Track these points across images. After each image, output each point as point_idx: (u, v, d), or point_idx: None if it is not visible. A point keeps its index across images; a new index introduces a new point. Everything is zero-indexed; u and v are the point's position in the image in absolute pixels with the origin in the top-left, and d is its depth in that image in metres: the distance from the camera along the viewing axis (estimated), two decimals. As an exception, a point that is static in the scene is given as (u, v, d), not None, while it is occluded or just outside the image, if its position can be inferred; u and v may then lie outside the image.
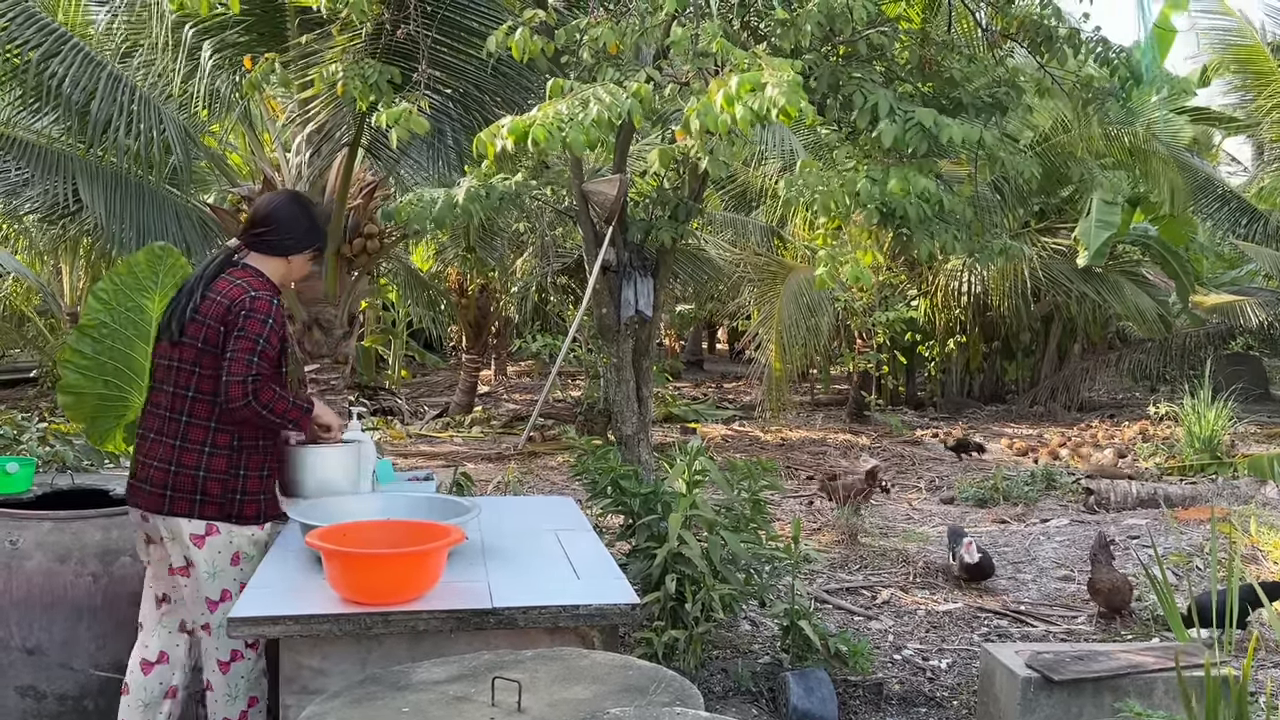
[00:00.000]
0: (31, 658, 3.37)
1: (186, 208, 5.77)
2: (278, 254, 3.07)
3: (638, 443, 5.07)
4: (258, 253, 3.07)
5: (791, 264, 11.94)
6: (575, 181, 4.79)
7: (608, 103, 3.20)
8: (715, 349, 23.77)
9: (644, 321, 5.02)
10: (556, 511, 3.55)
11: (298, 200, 3.25)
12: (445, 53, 5.45)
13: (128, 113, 5.35)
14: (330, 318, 5.98)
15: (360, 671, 2.42)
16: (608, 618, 2.52)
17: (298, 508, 2.89)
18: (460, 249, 10.34)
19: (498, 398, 14.43)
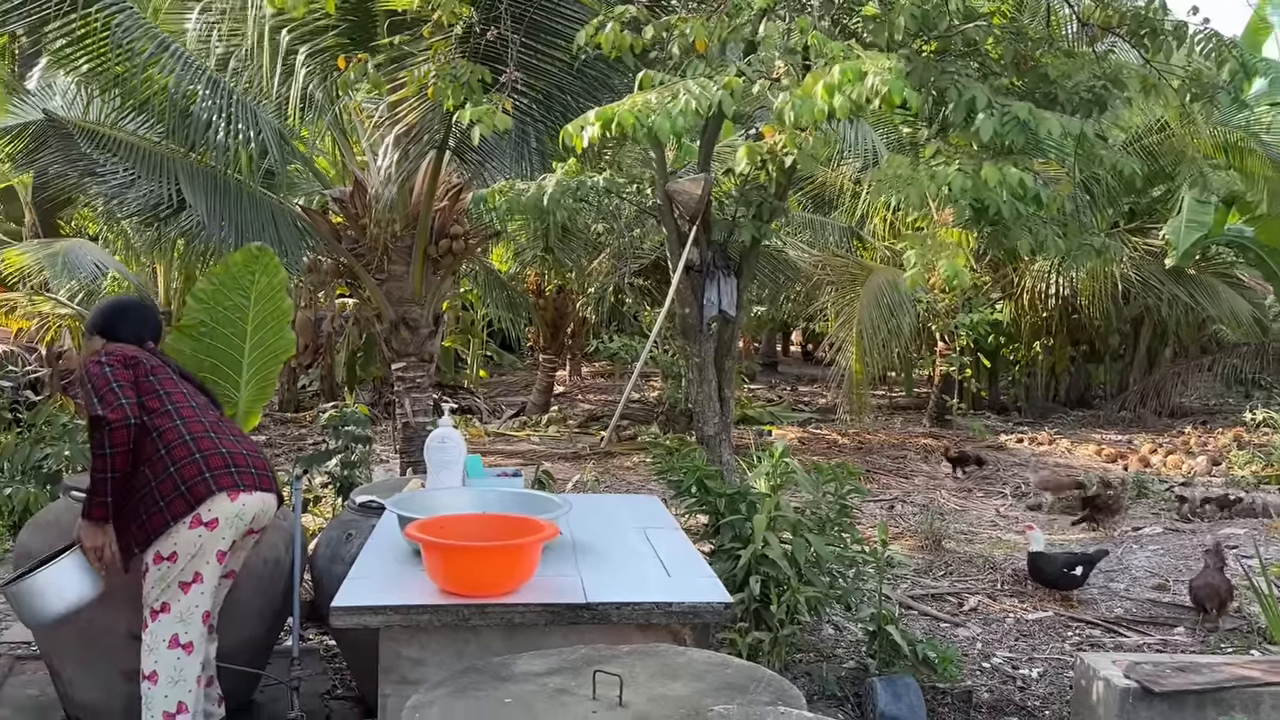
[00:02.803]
0: (136, 643, 3.47)
1: (281, 209, 5.92)
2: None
3: (719, 443, 5.06)
4: None
5: (872, 265, 11.78)
6: (660, 181, 4.80)
7: (697, 93, 3.20)
8: (789, 351, 23.59)
9: (727, 321, 5.01)
10: (643, 509, 3.56)
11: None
12: (530, 55, 5.51)
13: (226, 115, 5.51)
14: (416, 317, 6.08)
15: (457, 662, 2.45)
16: (700, 616, 2.51)
17: (396, 499, 2.94)
18: (539, 250, 10.43)
19: (573, 398, 14.52)
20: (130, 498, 3.13)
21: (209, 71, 5.67)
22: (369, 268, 6.03)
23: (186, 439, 3.16)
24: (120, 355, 3.19)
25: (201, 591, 3.20)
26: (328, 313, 11.50)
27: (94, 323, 3.44)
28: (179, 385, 3.32)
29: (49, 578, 3.08)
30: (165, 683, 3.17)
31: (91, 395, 3.08)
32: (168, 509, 3.08)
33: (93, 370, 3.12)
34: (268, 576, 3.77)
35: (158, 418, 3.16)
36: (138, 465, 3.11)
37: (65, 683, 3.67)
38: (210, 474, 3.13)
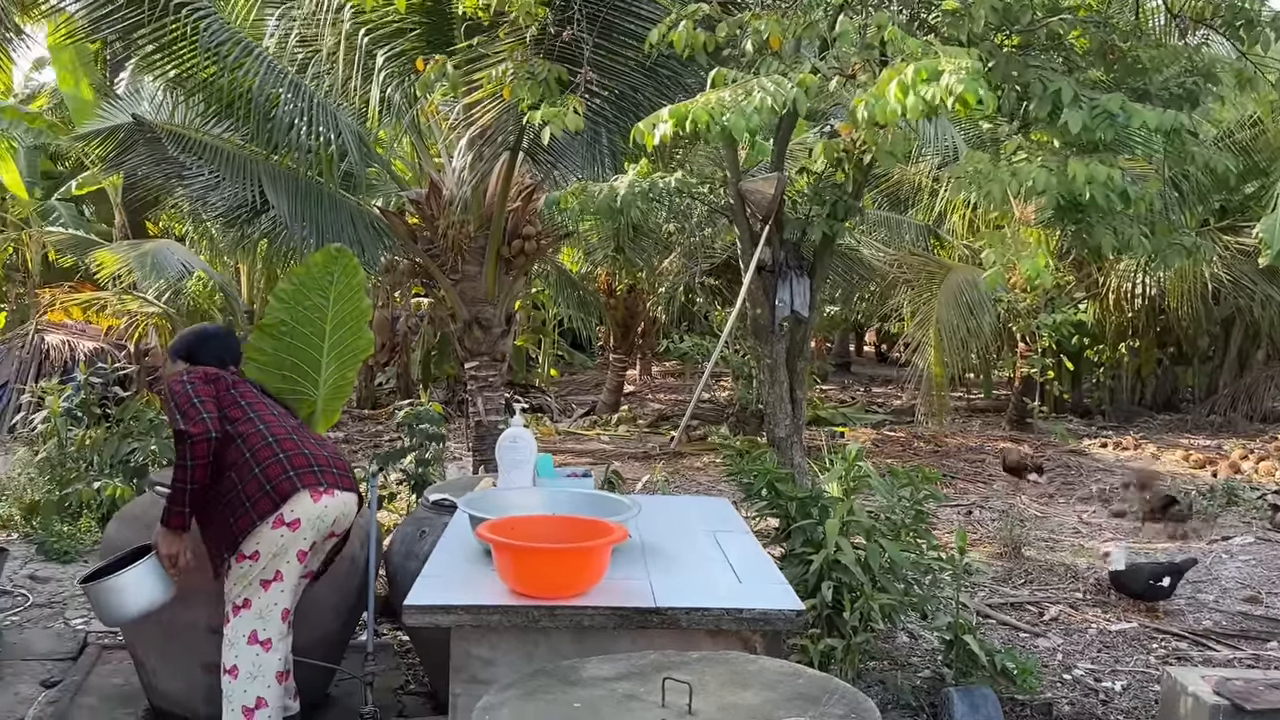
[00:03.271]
0: (216, 636, 3.55)
1: (359, 211, 6.02)
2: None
3: (791, 445, 5.00)
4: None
5: (950, 263, 11.55)
6: (732, 180, 4.75)
7: (771, 91, 3.15)
8: (863, 351, 23.28)
9: (799, 322, 4.94)
10: (713, 512, 3.52)
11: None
12: (603, 56, 5.51)
13: (307, 118, 5.62)
14: (489, 316, 6.12)
15: (527, 663, 2.45)
16: (772, 623, 2.47)
17: (467, 499, 2.96)
18: (610, 250, 10.45)
19: (643, 397, 14.53)
20: (217, 503, 3.22)
21: (290, 75, 5.79)
22: (443, 268, 6.10)
23: (270, 440, 3.24)
24: (201, 373, 3.30)
25: (281, 590, 3.26)
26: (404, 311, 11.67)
27: (176, 349, 3.58)
28: (260, 397, 3.43)
29: (125, 581, 3.17)
30: (245, 677, 3.24)
31: (174, 411, 3.17)
32: (254, 509, 3.16)
33: (175, 387, 3.23)
34: (344, 573, 3.82)
35: (241, 424, 3.25)
36: (223, 472, 3.20)
37: (149, 673, 3.77)
38: (294, 472, 3.20)
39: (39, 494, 6.46)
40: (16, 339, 11.41)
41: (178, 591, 3.34)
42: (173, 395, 3.22)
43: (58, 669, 4.14)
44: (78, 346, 11.01)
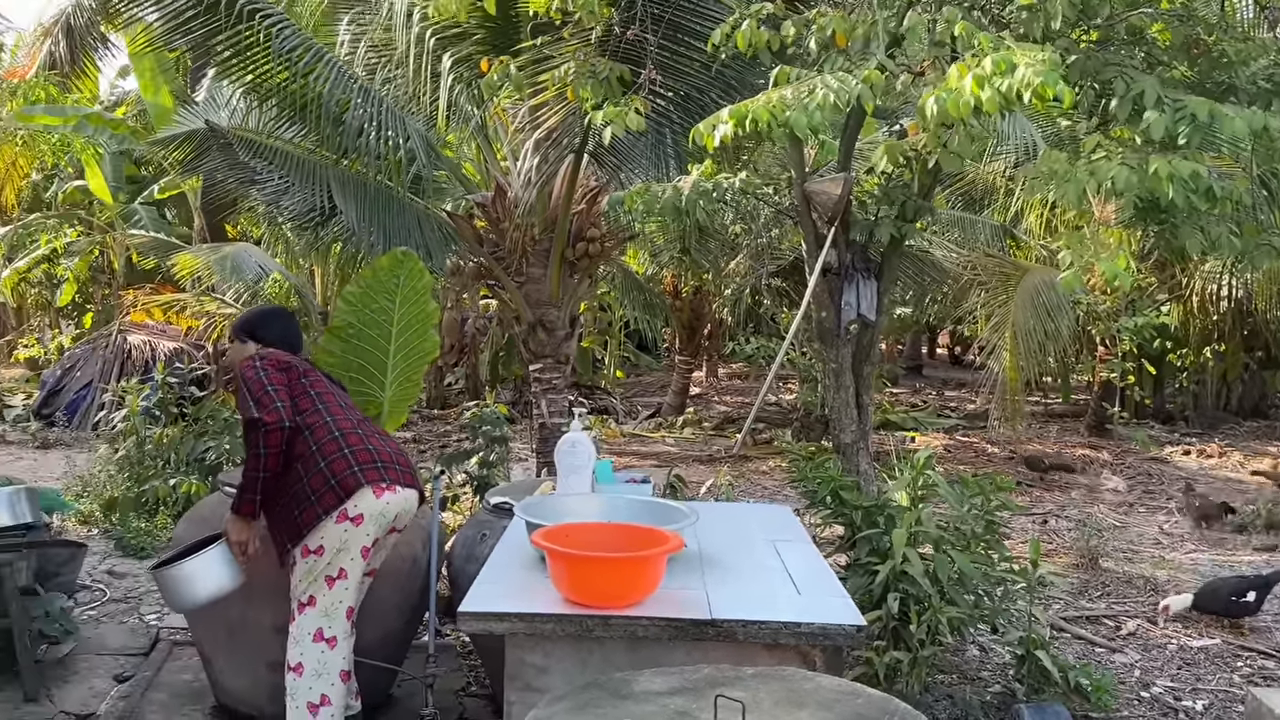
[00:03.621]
0: (279, 635, 3.59)
1: (427, 214, 6.07)
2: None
3: (856, 451, 4.89)
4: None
5: (1026, 265, 11.25)
6: (797, 181, 4.67)
7: (835, 88, 3.07)
8: (935, 354, 22.86)
9: (866, 326, 4.84)
10: (773, 520, 3.46)
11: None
12: (667, 56, 5.47)
13: (376, 123, 5.68)
14: (553, 319, 6.13)
15: (580, 672, 2.42)
16: (831, 638, 2.40)
17: (524, 504, 2.94)
18: (675, 251, 10.40)
19: (709, 400, 14.45)
20: (283, 495, 3.25)
21: (360, 80, 5.86)
22: (508, 270, 6.12)
23: (336, 435, 3.27)
24: (274, 359, 3.32)
25: (346, 587, 3.28)
26: (472, 313, 11.78)
27: (243, 328, 3.59)
28: (329, 387, 3.44)
29: (194, 567, 3.22)
30: (309, 675, 3.26)
31: (247, 398, 3.19)
32: (319, 503, 3.18)
33: (248, 374, 3.24)
34: (406, 573, 3.84)
35: (309, 416, 3.27)
36: (290, 463, 3.22)
37: (216, 670, 3.84)
38: (359, 468, 3.23)
39: (118, 491, 6.65)
40: (101, 339, 11.80)
41: (243, 588, 3.40)
42: (245, 381, 3.24)
43: (130, 664, 4.24)
44: (158, 346, 11.35)
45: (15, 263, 13.89)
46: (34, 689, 3.81)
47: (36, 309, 15.74)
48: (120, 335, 11.55)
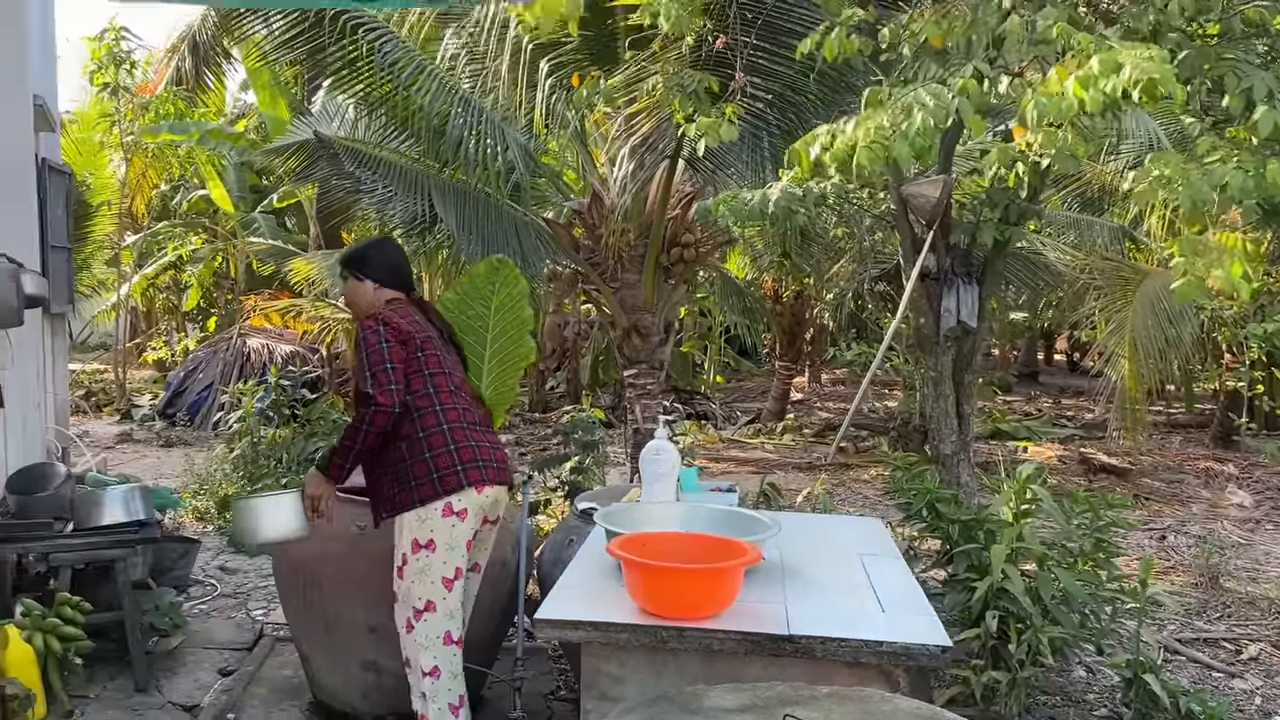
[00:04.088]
0: (372, 635, 3.68)
1: (524, 221, 6.15)
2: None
3: (957, 462, 4.74)
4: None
5: (1146, 268, 10.75)
6: (894, 184, 4.55)
7: (932, 107, 2.97)
8: (1053, 360, 22.05)
9: (967, 332, 4.68)
10: (863, 533, 3.37)
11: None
12: (763, 58, 5.42)
13: (476, 133, 5.78)
14: (648, 324, 6.12)
15: (655, 683, 2.40)
16: (914, 658, 2.32)
17: (602, 513, 2.93)
18: (776, 255, 10.29)
19: (811, 406, 14.24)
20: (381, 467, 3.27)
21: (461, 90, 5.97)
22: (604, 276, 6.14)
23: (444, 428, 3.26)
24: (397, 329, 3.26)
25: (460, 586, 3.33)
26: (574, 318, 11.89)
27: (354, 264, 3.50)
28: (443, 363, 3.37)
29: (268, 504, 3.32)
30: (447, 677, 3.29)
31: (365, 368, 3.18)
32: (417, 491, 3.21)
33: (371, 341, 3.21)
34: (495, 576, 3.88)
35: (419, 399, 3.26)
36: (393, 440, 3.23)
37: (313, 667, 3.94)
38: (462, 467, 3.25)
39: (232, 489, 6.91)
40: (222, 342, 12.32)
41: (339, 587, 3.48)
42: (367, 348, 3.20)
43: (234, 658, 4.40)
44: (275, 350, 11.80)
45: (144, 269, 14.63)
46: (144, 679, 3.98)
47: (164, 313, 16.55)
48: (240, 339, 12.05)
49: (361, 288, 3.46)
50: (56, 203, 7.31)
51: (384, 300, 3.43)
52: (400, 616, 3.32)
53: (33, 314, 5.45)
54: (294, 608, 3.90)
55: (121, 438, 10.79)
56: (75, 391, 13.37)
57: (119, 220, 13.29)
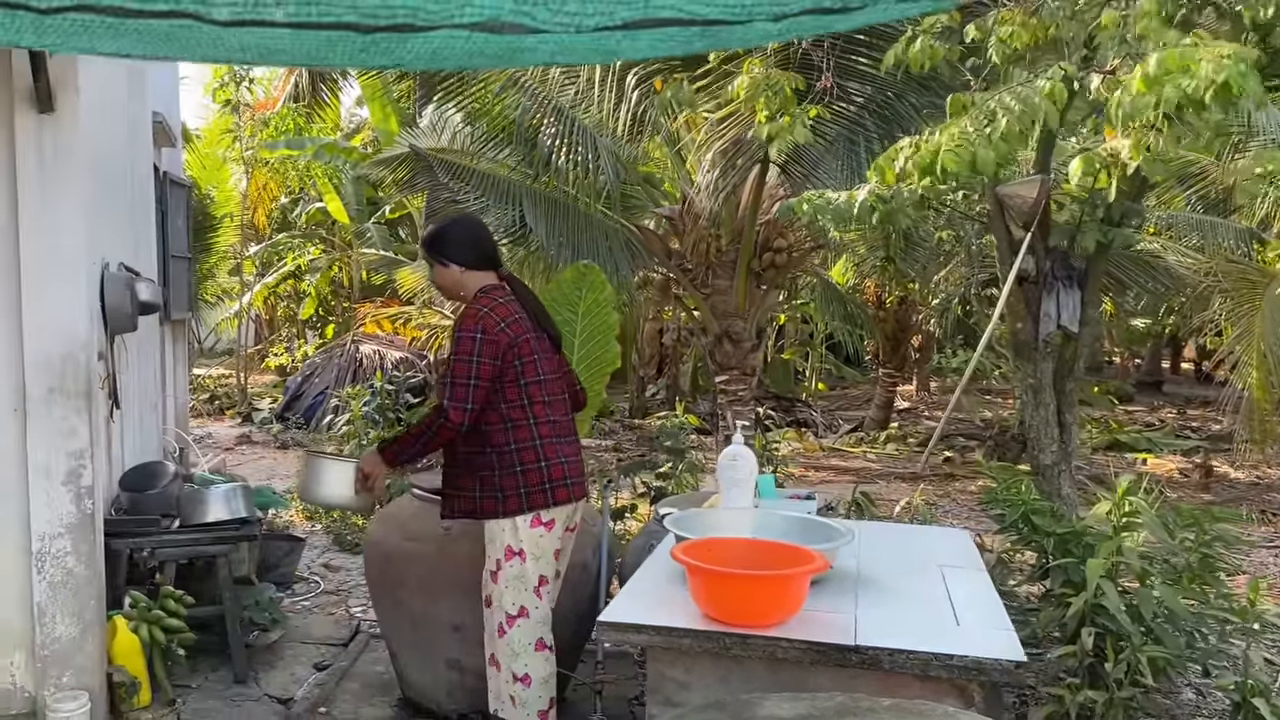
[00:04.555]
0: (456, 634, 3.75)
1: (616, 229, 6.20)
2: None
3: (1058, 474, 4.56)
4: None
5: (1274, 271, 10.17)
6: (989, 185, 4.41)
7: (1017, 111, 2.86)
8: (1179, 369, 21.04)
9: (1068, 338, 4.51)
10: (948, 545, 3.27)
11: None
12: (859, 60, 5.33)
13: (568, 143, 5.86)
14: (739, 330, 6.09)
15: (721, 690, 2.37)
16: (986, 673, 2.24)
17: (672, 518, 2.92)
18: (878, 260, 10.10)
19: (918, 414, 13.91)
20: (467, 470, 3.26)
21: (554, 101, 6.06)
22: (694, 282, 6.14)
23: (536, 444, 3.24)
24: (495, 343, 3.14)
25: (550, 593, 3.36)
26: (674, 325, 11.90)
27: (437, 245, 3.36)
28: (539, 368, 3.28)
29: (329, 467, 3.44)
30: (538, 683, 3.33)
31: (448, 376, 3.14)
32: (503, 503, 3.22)
33: (464, 350, 3.11)
34: (576, 580, 3.90)
35: (514, 410, 3.21)
36: (483, 445, 3.21)
37: (401, 664, 4.04)
38: (551, 485, 3.25)
39: (337, 489, 7.12)
40: (336, 348, 12.77)
41: (425, 585, 3.59)
42: (457, 354, 3.13)
43: (330, 653, 4.54)
44: (386, 356, 12.16)
45: (266, 278, 15.27)
46: (242, 671, 4.15)
47: (285, 320, 17.23)
48: (353, 345, 12.48)
49: (448, 272, 3.33)
50: (177, 214, 7.70)
51: (475, 286, 3.29)
52: (493, 621, 3.35)
53: (150, 320, 5.75)
54: (383, 606, 4.01)
55: (241, 439, 11.29)
56: (200, 395, 14.06)
57: (241, 231, 13.93)
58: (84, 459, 3.51)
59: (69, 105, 3.39)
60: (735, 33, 1.66)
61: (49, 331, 3.44)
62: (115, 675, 3.67)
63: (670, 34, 1.65)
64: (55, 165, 3.38)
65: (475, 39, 1.68)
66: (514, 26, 1.60)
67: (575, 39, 1.68)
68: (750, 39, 1.68)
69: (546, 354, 3.36)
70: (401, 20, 1.59)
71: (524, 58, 1.84)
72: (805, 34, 1.67)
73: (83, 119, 3.49)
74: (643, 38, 1.63)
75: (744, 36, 1.69)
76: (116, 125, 4.76)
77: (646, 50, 1.72)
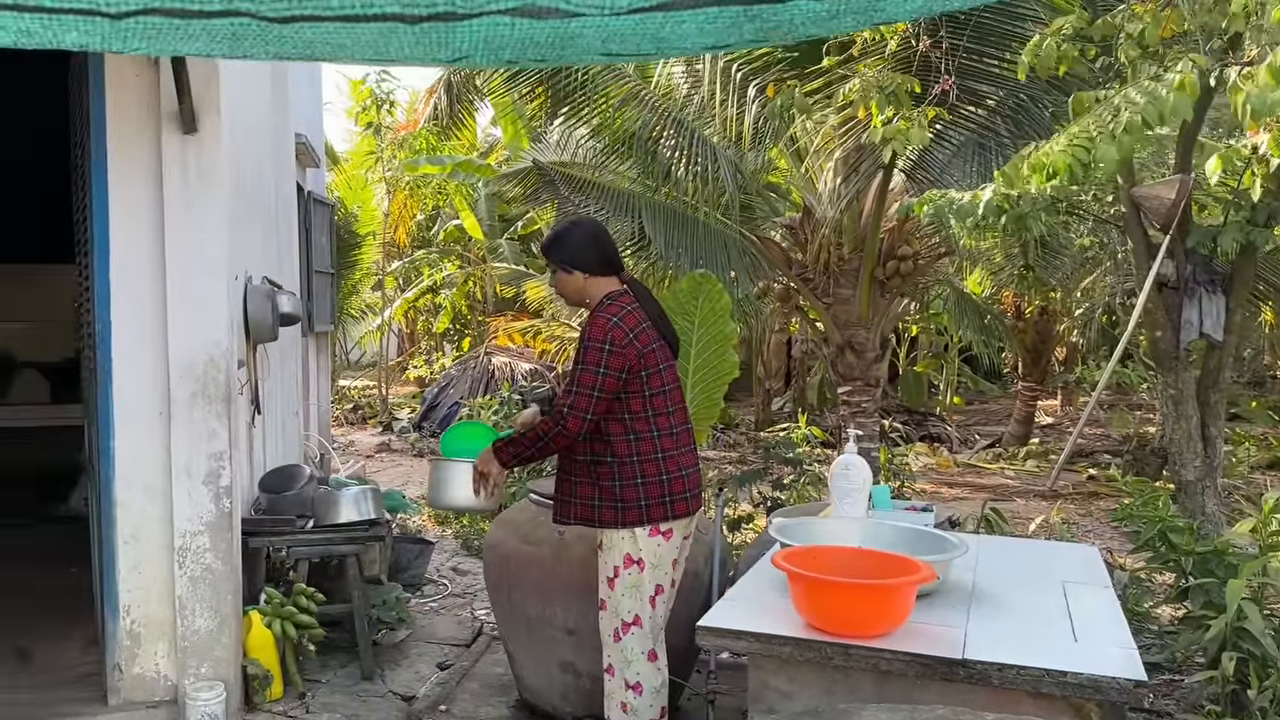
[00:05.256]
0: (571, 637, 3.79)
1: (733, 238, 6.19)
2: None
3: (1201, 490, 4.31)
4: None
5: None
6: (1124, 185, 4.21)
7: (1142, 104, 2.71)
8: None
9: (1212, 346, 4.25)
10: (1073, 561, 3.12)
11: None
12: (987, 62, 5.18)
13: (687, 155, 5.89)
14: (862, 340, 5.98)
15: (824, 701, 2.33)
16: (1102, 692, 2.13)
17: (777, 524, 2.89)
18: (1017, 269, 9.74)
19: (1061, 430, 13.32)
20: (586, 477, 3.25)
21: (674, 113, 6.11)
22: (815, 291, 6.06)
23: (659, 456, 3.22)
24: (622, 356, 3.11)
25: (665, 602, 3.34)
26: (800, 337, 11.77)
27: (556, 250, 3.31)
28: (664, 379, 3.26)
29: (450, 468, 3.46)
30: (649, 693, 3.32)
31: (576, 376, 3.12)
32: (623, 514, 3.20)
33: (590, 359, 3.09)
34: (689, 588, 3.89)
35: (638, 421, 3.20)
36: (607, 449, 3.19)
37: (518, 666, 4.11)
38: (670, 499, 3.23)
39: (464, 494, 7.32)
40: (471, 360, 13.15)
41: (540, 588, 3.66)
42: (583, 363, 3.10)
43: (453, 653, 4.66)
44: (517, 367, 12.46)
45: (406, 293, 15.86)
46: (369, 668, 4.30)
47: (424, 334, 17.85)
48: (486, 357, 12.83)
49: (570, 279, 3.27)
50: (320, 232, 8.10)
51: (599, 293, 3.24)
52: (608, 627, 3.35)
53: (293, 331, 6.06)
54: (501, 608, 4.09)
55: (381, 448, 11.75)
56: (344, 405, 14.70)
57: (383, 249, 14.52)
58: (223, 460, 3.72)
59: (211, 126, 3.61)
60: (779, 14, 1.63)
61: (192, 340, 3.66)
62: (250, 667, 3.86)
63: (713, 16, 1.63)
64: (199, 183, 3.61)
65: (521, 26, 1.71)
66: (550, 10, 1.62)
67: (615, 23, 1.69)
68: (796, 24, 1.63)
69: (668, 363, 3.33)
70: (442, 9, 1.63)
71: (577, 46, 1.84)
72: (855, 19, 1.61)
73: (225, 139, 3.72)
74: (687, 21, 1.63)
75: (790, 20, 1.65)
76: (259, 145, 5.04)
77: (696, 36, 1.71)
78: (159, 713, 3.73)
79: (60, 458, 7.13)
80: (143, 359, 3.65)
